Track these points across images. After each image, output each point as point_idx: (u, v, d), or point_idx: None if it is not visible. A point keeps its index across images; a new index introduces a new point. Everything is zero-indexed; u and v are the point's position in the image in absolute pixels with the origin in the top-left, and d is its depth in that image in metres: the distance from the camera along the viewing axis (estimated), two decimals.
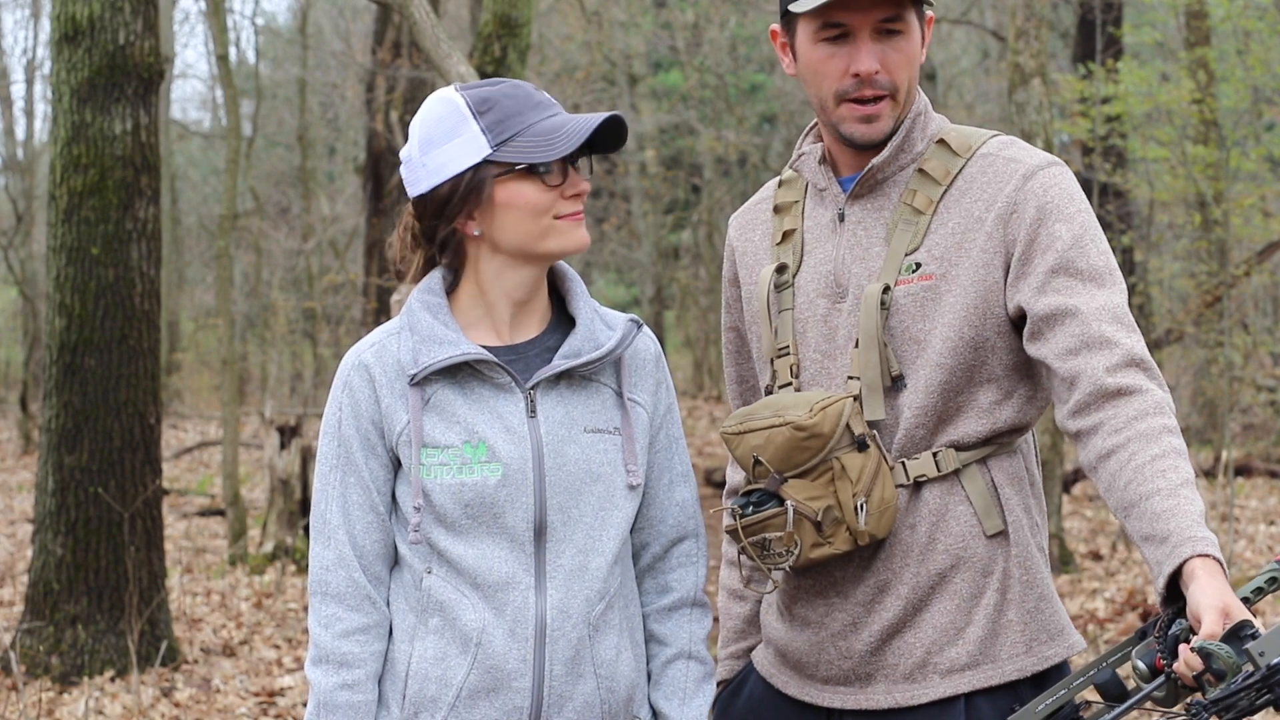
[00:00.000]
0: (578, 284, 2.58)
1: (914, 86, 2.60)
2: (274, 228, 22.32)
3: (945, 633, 2.54)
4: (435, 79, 9.68)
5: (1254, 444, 15.10)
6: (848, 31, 2.52)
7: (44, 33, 22.41)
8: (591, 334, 2.51)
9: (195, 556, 11.22)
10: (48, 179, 7.70)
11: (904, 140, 2.59)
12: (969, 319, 2.51)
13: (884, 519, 2.50)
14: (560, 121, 2.44)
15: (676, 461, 2.62)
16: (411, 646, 2.47)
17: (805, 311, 2.63)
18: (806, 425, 2.47)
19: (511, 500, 2.43)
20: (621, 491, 2.50)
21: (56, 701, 6.91)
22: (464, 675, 2.44)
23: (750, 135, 22.31)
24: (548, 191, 2.44)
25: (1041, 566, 2.58)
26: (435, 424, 2.45)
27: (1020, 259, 2.48)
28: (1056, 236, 2.47)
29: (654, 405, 2.58)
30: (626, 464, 2.50)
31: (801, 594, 2.65)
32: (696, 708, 2.59)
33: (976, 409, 2.53)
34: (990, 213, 2.51)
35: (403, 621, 2.50)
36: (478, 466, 2.43)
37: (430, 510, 2.45)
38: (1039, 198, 2.50)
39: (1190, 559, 2.15)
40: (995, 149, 2.58)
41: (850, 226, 2.61)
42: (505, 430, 2.45)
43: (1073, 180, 2.56)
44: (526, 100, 2.46)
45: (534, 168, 2.43)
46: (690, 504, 2.62)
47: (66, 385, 7.32)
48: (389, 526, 2.51)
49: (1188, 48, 13.97)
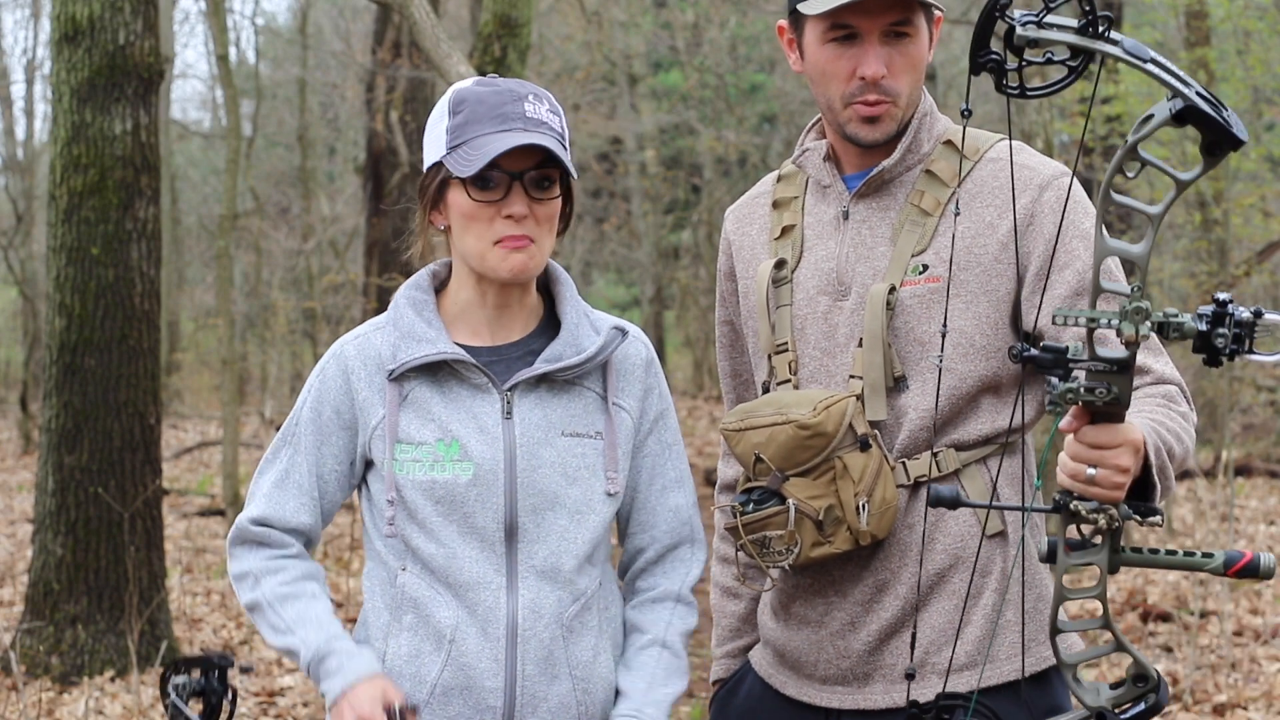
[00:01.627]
0: (567, 287, 2.58)
1: (918, 89, 2.60)
2: (274, 228, 22.30)
3: (944, 633, 2.54)
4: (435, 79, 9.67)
5: (1254, 444, 15.10)
6: (856, 33, 2.53)
7: (44, 33, 22.39)
8: (575, 339, 2.51)
9: (195, 556, 11.21)
10: (48, 179, 7.70)
11: (912, 142, 2.59)
12: (977, 325, 2.51)
13: (885, 519, 2.50)
14: (494, 140, 2.41)
15: (670, 467, 2.61)
16: (386, 644, 2.50)
17: (805, 308, 2.63)
18: (810, 424, 2.47)
19: (482, 500, 2.44)
20: (599, 496, 2.50)
21: (56, 701, 6.91)
22: (437, 672, 2.45)
23: (750, 135, 22.31)
24: (482, 207, 2.43)
25: (1040, 567, 2.58)
26: (411, 420, 2.46)
27: (1037, 274, 2.49)
28: (1075, 255, 2.48)
29: (641, 411, 2.57)
30: (606, 470, 2.50)
31: (799, 593, 2.64)
32: (664, 696, 2.55)
33: (979, 411, 2.53)
34: (1004, 220, 2.52)
35: (378, 620, 2.52)
36: (450, 465, 2.44)
37: (403, 506, 2.46)
38: (1056, 212, 2.50)
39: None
40: (1004, 153, 2.59)
41: (855, 225, 2.61)
42: (479, 430, 2.46)
43: (1081, 191, 2.58)
44: (494, 108, 2.44)
45: (472, 180, 2.43)
46: (686, 510, 2.61)
47: (66, 385, 7.32)
48: (319, 513, 2.54)
49: (1188, 48, 13.96)
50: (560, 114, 2.52)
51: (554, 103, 2.52)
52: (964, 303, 2.52)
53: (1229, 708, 6.39)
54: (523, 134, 2.41)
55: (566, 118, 2.53)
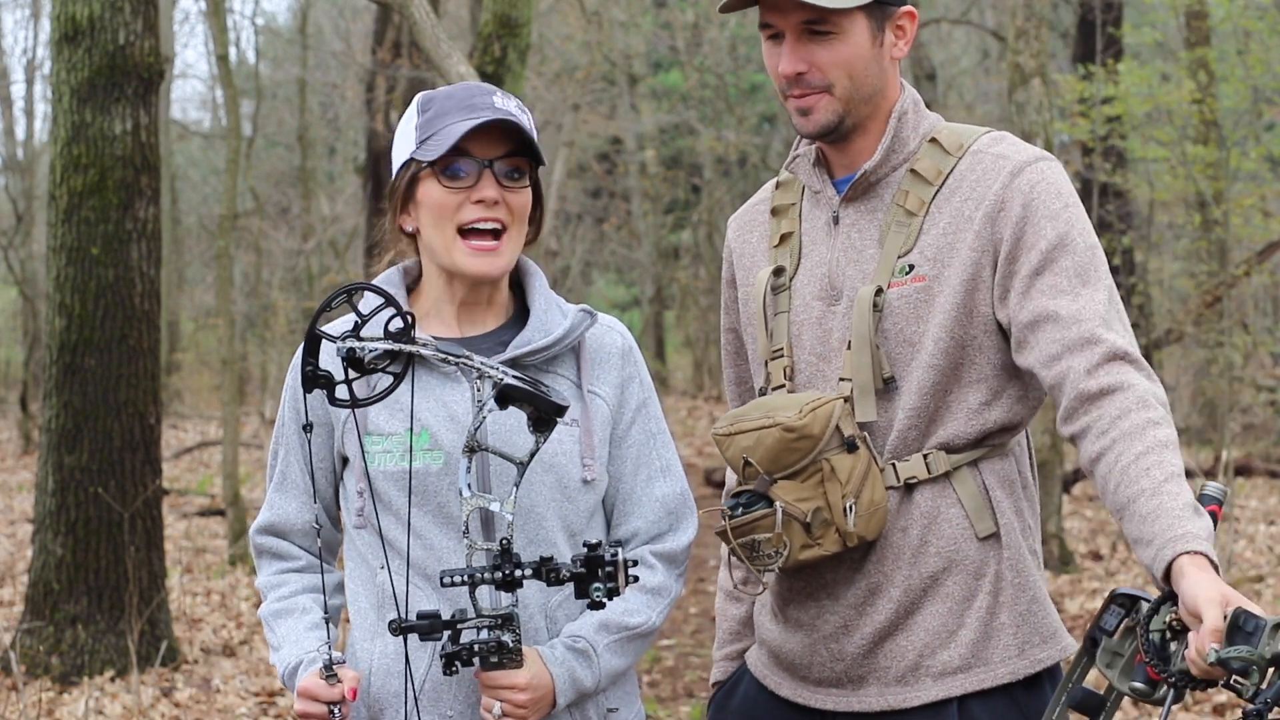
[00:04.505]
0: (536, 277, 2.59)
1: (865, 83, 2.56)
2: (274, 228, 22.31)
3: (937, 635, 2.53)
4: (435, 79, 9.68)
5: (1254, 444, 15.10)
6: (778, 32, 2.54)
7: (44, 33, 22.41)
8: (544, 325, 2.53)
9: (195, 556, 11.22)
10: (48, 179, 7.70)
11: (893, 141, 2.58)
12: (958, 318, 2.50)
13: (873, 521, 2.50)
14: (462, 124, 2.43)
15: (655, 457, 2.60)
16: (372, 644, 2.51)
17: (801, 314, 2.62)
18: (796, 426, 2.46)
19: (454, 489, 2.44)
20: (576, 484, 2.50)
21: (56, 701, 6.91)
22: (425, 669, 2.46)
23: (750, 135, 22.33)
24: (452, 193, 2.45)
25: (1033, 569, 2.57)
26: (380, 411, 2.47)
27: (1006, 258, 2.48)
28: (1041, 234, 2.46)
29: (619, 399, 2.57)
30: (583, 457, 2.50)
31: (793, 596, 2.64)
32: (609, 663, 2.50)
33: (966, 409, 2.52)
34: (979, 211, 2.51)
35: (363, 620, 2.53)
36: (420, 454, 2.45)
37: (377, 499, 2.48)
38: (1025, 195, 2.48)
39: (1177, 558, 2.14)
40: (985, 145, 2.57)
41: (844, 229, 2.61)
42: (449, 419, 2.46)
43: (1061, 175, 2.54)
44: (462, 101, 2.47)
45: (443, 168, 2.45)
46: (673, 499, 2.60)
47: (66, 385, 7.32)
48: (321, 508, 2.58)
49: (1188, 48, 13.97)
50: (528, 114, 2.54)
51: (522, 104, 2.55)
52: (946, 296, 2.51)
53: (1229, 708, 6.39)
54: (491, 115, 2.44)
55: (566, 118, 2.54)
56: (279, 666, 2.50)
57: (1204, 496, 2.30)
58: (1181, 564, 2.13)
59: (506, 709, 2.37)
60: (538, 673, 2.40)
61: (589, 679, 2.46)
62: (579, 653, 2.46)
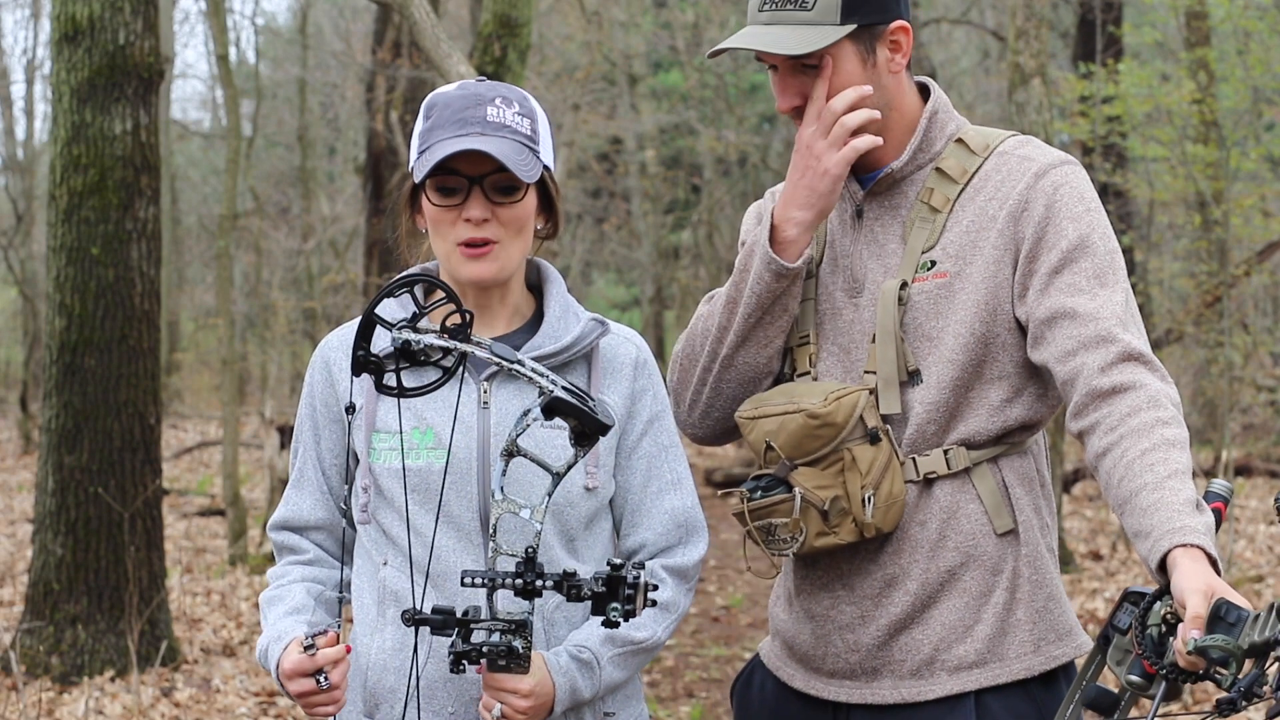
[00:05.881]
0: (555, 284, 2.60)
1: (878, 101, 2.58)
2: (274, 228, 22.29)
3: (954, 630, 2.55)
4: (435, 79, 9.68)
5: (1254, 444, 15.11)
6: (775, 65, 2.60)
7: (44, 33, 22.41)
8: (555, 331, 2.54)
9: (195, 556, 11.22)
10: (48, 179, 7.70)
11: (921, 141, 2.60)
12: (980, 315, 2.52)
13: (890, 513, 2.51)
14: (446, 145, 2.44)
15: (667, 470, 2.60)
16: (372, 639, 2.52)
17: (825, 304, 2.66)
18: (820, 414, 2.49)
19: (456, 489, 2.46)
20: (577, 490, 2.50)
21: (56, 701, 6.91)
22: (422, 665, 2.46)
23: (750, 135, 22.32)
24: (443, 211, 2.48)
25: (1051, 566, 2.59)
26: (388, 409, 2.50)
27: (1027, 256, 2.50)
28: (1062, 234, 2.49)
29: (630, 411, 2.56)
30: (586, 464, 2.50)
31: (809, 587, 2.65)
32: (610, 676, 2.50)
33: (987, 406, 2.54)
34: (1003, 210, 2.54)
35: (364, 616, 2.55)
36: (424, 453, 2.47)
37: (381, 496, 2.49)
38: (1048, 196, 2.52)
39: (1172, 549, 2.15)
40: (1011, 147, 2.61)
41: (868, 224, 2.64)
42: (455, 419, 2.46)
43: (1084, 179, 2.58)
44: (456, 113, 2.48)
45: (434, 185, 2.48)
46: (683, 512, 2.59)
47: (66, 385, 7.32)
48: (334, 506, 2.61)
49: (1188, 48, 13.96)
50: (533, 116, 2.52)
51: (527, 105, 2.52)
52: (968, 293, 2.53)
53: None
54: (477, 138, 2.43)
55: (566, 118, 2.53)
56: (256, 651, 2.53)
57: (1209, 494, 2.31)
58: (1175, 556, 2.15)
59: (506, 712, 2.37)
60: (541, 680, 2.40)
61: (588, 690, 2.47)
62: (583, 663, 2.46)
